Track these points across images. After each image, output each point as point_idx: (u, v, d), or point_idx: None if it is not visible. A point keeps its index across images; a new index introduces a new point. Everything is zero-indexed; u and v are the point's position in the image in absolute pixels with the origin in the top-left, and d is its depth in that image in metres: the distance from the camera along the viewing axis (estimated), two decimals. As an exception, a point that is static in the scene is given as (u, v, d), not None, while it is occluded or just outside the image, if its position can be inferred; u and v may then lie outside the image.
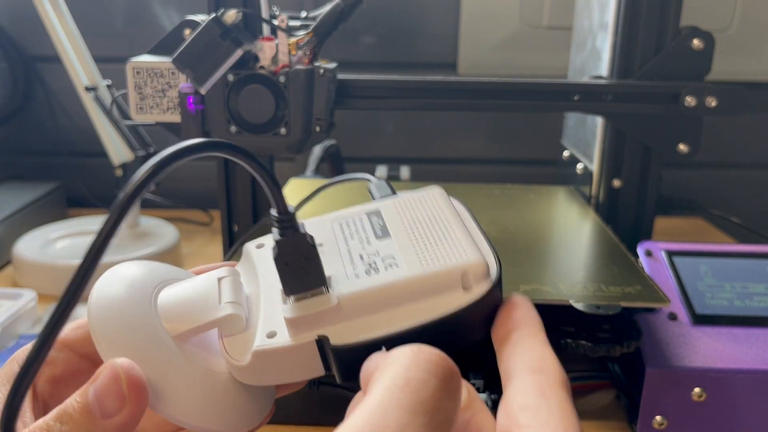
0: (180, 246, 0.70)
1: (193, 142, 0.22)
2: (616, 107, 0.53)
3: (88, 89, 0.66)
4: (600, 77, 0.57)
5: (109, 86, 0.68)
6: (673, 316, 0.44)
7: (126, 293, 0.26)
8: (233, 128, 0.47)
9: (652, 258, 0.49)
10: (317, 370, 0.25)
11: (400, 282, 0.25)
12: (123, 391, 0.23)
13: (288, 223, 0.25)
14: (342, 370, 0.25)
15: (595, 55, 0.60)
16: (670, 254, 0.49)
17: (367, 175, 0.34)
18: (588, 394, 0.47)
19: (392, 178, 0.72)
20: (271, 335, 0.25)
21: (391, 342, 0.23)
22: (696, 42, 0.53)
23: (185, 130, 0.48)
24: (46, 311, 0.58)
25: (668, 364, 0.40)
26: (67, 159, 0.87)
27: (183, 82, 0.48)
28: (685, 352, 0.41)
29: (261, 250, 0.29)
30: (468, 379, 0.40)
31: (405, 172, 0.74)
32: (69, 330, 0.28)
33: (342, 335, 0.24)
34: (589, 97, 0.53)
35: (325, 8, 0.46)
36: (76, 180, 0.85)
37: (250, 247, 0.30)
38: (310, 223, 0.30)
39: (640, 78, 0.54)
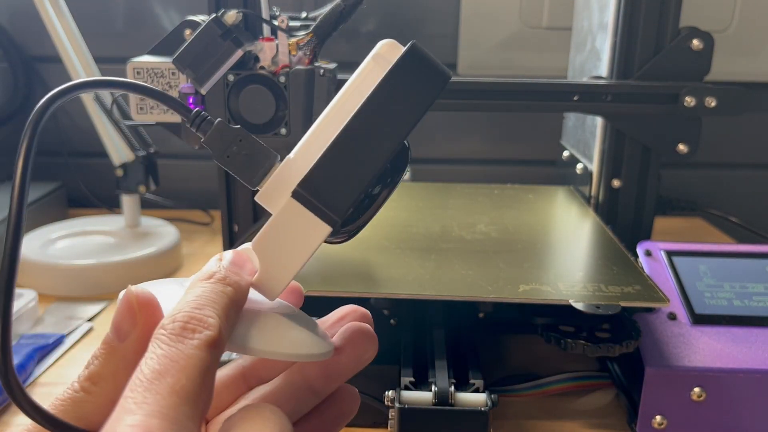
0: (180, 246, 0.70)
1: (83, 80, 0.24)
2: (615, 107, 0.53)
3: (88, 89, 0.66)
4: (599, 77, 0.57)
5: (109, 86, 0.68)
6: (672, 316, 0.44)
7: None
8: (233, 128, 0.47)
9: (652, 258, 0.49)
10: (320, 229, 0.25)
11: (333, 106, 0.25)
12: (134, 310, 0.24)
13: (199, 120, 0.25)
14: (330, 203, 0.25)
15: (594, 55, 0.60)
16: (670, 254, 0.49)
17: None
18: (587, 394, 0.47)
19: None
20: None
21: (339, 144, 0.25)
22: (695, 42, 0.53)
23: (185, 131, 0.48)
24: (47, 311, 0.58)
25: (668, 363, 0.41)
26: (67, 159, 0.87)
27: (183, 83, 0.48)
28: (685, 351, 0.41)
29: None
30: (468, 380, 0.40)
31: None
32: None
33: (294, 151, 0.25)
34: (588, 98, 0.53)
35: (325, 9, 0.46)
36: (76, 180, 0.85)
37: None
38: None
39: (639, 78, 0.54)
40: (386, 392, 0.38)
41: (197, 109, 0.26)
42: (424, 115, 0.26)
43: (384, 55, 0.25)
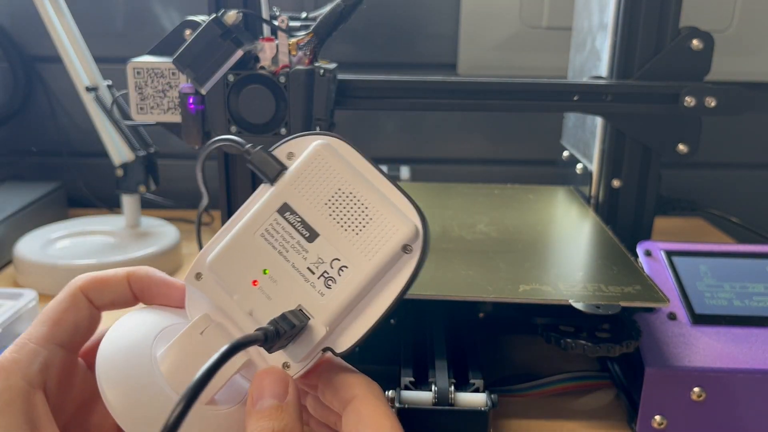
0: (180, 246, 0.70)
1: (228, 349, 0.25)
2: (615, 107, 0.53)
3: (88, 89, 0.66)
4: (599, 77, 0.57)
5: (109, 86, 0.69)
6: (672, 316, 0.44)
7: (130, 363, 0.28)
8: (233, 128, 0.47)
9: (652, 258, 0.49)
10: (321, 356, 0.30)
11: (360, 284, 0.28)
12: None
13: (277, 337, 0.27)
14: (344, 352, 0.29)
15: (594, 55, 0.60)
16: (670, 254, 0.49)
17: (236, 140, 0.31)
18: (587, 394, 0.47)
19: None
20: (287, 366, 0.29)
21: (378, 325, 0.28)
22: (695, 42, 0.53)
23: (186, 131, 0.48)
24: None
25: (668, 363, 0.41)
26: (67, 159, 0.87)
27: (183, 83, 0.48)
28: (685, 351, 0.41)
29: (202, 281, 0.31)
30: (468, 380, 0.40)
31: (405, 172, 0.74)
32: (47, 329, 0.29)
33: (340, 344, 0.29)
34: (588, 98, 0.53)
35: (325, 9, 0.46)
36: (76, 180, 0.85)
37: (191, 281, 0.31)
38: (235, 250, 0.30)
39: (639, 78, 0.54)
40: (386, 392, 0.38)
41: (273, 328, 0.27)
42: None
43: (408, 243, 0.29)
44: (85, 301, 0.31)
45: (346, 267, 0.28)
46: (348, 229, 0.28)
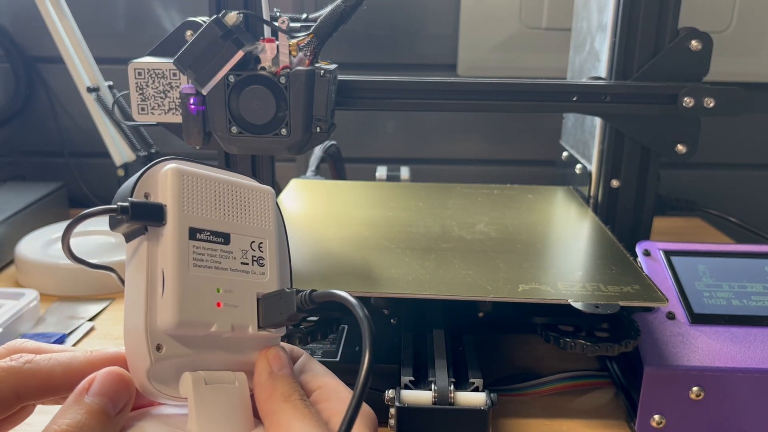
0: (181, 246, 0.70)
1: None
2: (614, 108, 0.54)
3: (90, 90, 0.66)
4: (599, 78, 0.57)
5: (110, 87, 0.69)
6: (671, 316, 0.44)
7: None
8: (234, 129, 0.48)
9: (651, 258, 0.49)
10: None
11: (276, 244, 0.34)
12: (128, 382, 0.28)
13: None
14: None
15: (593, 56, 0.60)
16: (668, 254, 0.49)
17: (105, 209, 0.31)
18: (587, 393, 0.47)
19: (392, 179, 0.73)
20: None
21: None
22: (694, 43, 0.53)
23: (187, 131, 0.48)
24: (48, 311, 0.59)
25: (666, 363, 0.41)
26: (69, 159, 0.87)
27: (184, 83, 0.48)
28: (683, 351, 0.42)
29: (165, 350, 0.30)
30: (467, 379, 0.40)
31: (405, 172, 0.74)
32: None
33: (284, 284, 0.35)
34: (587, 98, 0.53)
35: (326, 10, 0.46)
36: (78, 180, 0.85)
37: (155, 357, 0.29)
38: (186, 294, 0.30)
39: (638, 79, 0.54)
40: (386, 391, 0.38)
41: None
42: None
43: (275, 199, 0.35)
44: (13, 398, 0.28)
45: (261, 241, 0.33)
46: (242, 215, 0.33)
